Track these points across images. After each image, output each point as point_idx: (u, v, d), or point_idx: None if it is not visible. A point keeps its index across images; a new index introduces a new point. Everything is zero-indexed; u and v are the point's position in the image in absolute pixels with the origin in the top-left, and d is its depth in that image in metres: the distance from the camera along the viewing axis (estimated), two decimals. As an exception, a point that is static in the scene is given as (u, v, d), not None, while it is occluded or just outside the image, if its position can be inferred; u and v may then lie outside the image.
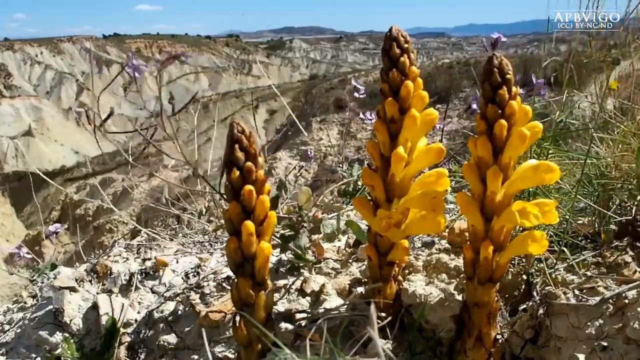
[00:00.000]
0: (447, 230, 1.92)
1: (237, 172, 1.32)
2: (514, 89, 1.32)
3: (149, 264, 2.24)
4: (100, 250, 2.74)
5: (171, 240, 2.61)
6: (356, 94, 2.74)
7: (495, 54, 1.36)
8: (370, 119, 2.93)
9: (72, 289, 2.12)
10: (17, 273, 3.06)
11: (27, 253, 2.93)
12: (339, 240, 2.08)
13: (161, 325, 1.95)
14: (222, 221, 1.84)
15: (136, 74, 1.79)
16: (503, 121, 1.30)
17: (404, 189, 1.48)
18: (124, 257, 2.35)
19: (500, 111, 1.31)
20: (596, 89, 3.07)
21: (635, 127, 2.13)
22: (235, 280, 1.42)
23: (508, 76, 1.32)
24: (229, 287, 1.96)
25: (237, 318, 1.45)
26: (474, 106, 2.50)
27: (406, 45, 1.43)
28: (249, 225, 1.34)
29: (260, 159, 1.36)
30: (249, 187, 1.32)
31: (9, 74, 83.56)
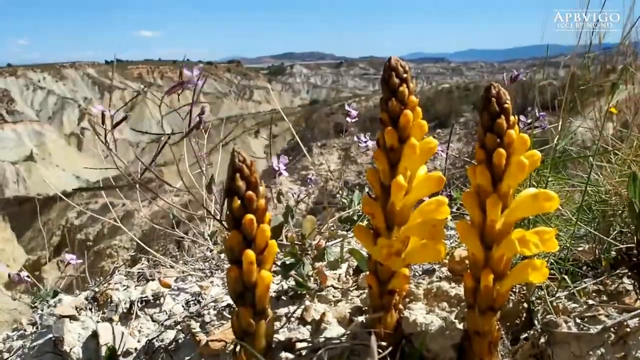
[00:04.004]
0: (447, 257, 1.92)
1: (238, 201, 1.33)
2: (512, 118, 1.34)
3: (149, 292, 2.24)
4: (101, 277, 2.74)
5: (171, 267, 2.60)
6: (348, 119, 2.76)
7: (493, 83, 1.37)
8: (365, 141, 2.94)
9: (72, 318, 2.11)
10: (19, 299, 3.06)
11: (27, 277, 2.93)
12: (339, 268, 2.08)
13: (161, 354, 1.94)
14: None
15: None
16: (502, 150, 1.31)
17: (404, 217, 1.48)
18: (124, 285, 2.35)
19: (498, 140, 1.32)
20: (595, 114, 3.08)
21: (633, 154, 2.14)
22: (236, 309, 1.42)
23: (506, 105, 1.33)
24: (229, 316, 1.96)
25: (238, 347, 1.45)
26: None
27: (405, 75, 1.44)
28: (250, 254, 1.34)
29: (262, 188, 1.37)
30: (250, 216, 1.33)
31: (11, 99, 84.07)
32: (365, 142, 2.91)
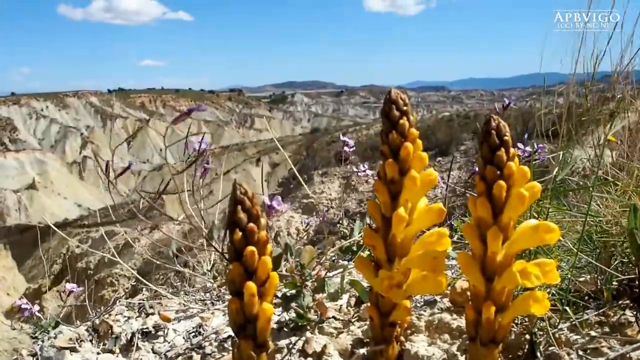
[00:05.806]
0: (448, 288, 1.91)
1: (240, 234, 1.33)
2: (512, 150, 1.35)
3: (150, 323, 2.23)
4: (102, 308, 2.73)
5: (172, 298, 2.59)
6: (346, 148, 2.79)
7: (492, 116, 1.38)
8: (364, 170, 2.99)
9: (73, 349, 2.10)
10: (20, 329, 3.04)
11: (33, 308, 2.92)
12: (340, 299, 2.07)
13: (161, 386, 1.93)
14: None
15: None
16: (502, 182, 1.31)
17: (405, 249, 1.48)
18: (125, 316, 2.34)
19: (498, 172, 1.32)
20: (593, 142, 3.08)
21: (634, 184, 2.15)
22: (237, 341, 1.41)
23: (506, 138, 1.34)
24: (230, 348, 1.94)
25: (239, 380, 1.44)
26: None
27: (405, 108, 1.45)
28: (251, 286, 1.33)
29: (263, 220, 1.37)
30: (251, 248, 1.32)
31: (14, 128, 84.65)
32: (364, 171, 2.96)
